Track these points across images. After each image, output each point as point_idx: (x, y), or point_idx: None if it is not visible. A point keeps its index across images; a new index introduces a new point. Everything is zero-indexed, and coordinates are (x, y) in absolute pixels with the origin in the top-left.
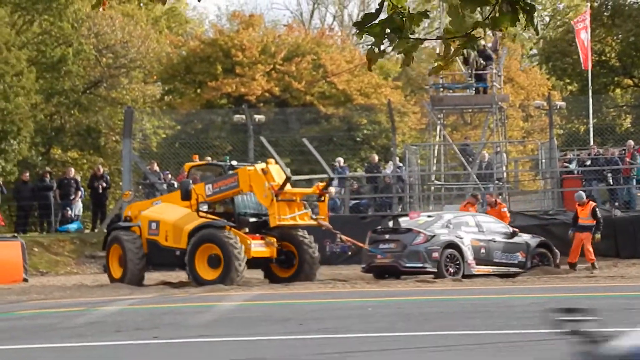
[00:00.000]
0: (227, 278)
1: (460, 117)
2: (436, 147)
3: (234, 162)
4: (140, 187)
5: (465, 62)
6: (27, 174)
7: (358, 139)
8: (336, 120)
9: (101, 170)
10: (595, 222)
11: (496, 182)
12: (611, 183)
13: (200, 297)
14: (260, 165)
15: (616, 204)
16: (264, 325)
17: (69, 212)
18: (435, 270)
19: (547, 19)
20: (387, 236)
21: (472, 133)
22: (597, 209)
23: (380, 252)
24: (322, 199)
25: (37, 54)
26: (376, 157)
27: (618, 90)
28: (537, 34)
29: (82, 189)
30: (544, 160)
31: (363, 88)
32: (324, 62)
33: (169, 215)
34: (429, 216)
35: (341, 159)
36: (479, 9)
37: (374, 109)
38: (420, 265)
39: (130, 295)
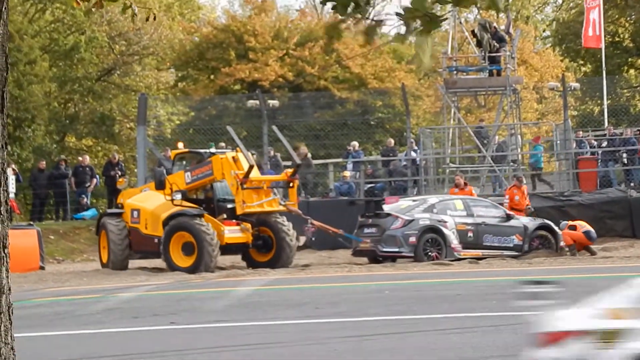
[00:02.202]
0: (200, 265)
1: (474, 99)
2: (451, 130)
3: (213, 150)
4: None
5: (479, 44)
6: (44, 163)
7: (372, 123)
8: (350, 104)
9: (116, 158)
10: None
11: (511, 163)
12: (626, 163)
13: (217, 282)
14: (231, 154)
15: (632, 184)
16: (280, 309)
17: (84, 200)
18: (413, 254)
19: (560, 0)
20: (370, 221)
21: (487, 115)
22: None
23: (354, 237)
24: (291, 185)
25: (50, 42)
26: (392, 141)
27: (632, 71)
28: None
29: (97, 176)
30: (558, 142)
31: (377, 72)
32: (337, 46)
33: (149, 204)
34: (414, 200)
35: (356, 143)
36: None
37: (388, 93)
38: (397, 249)
39: (146, 282)
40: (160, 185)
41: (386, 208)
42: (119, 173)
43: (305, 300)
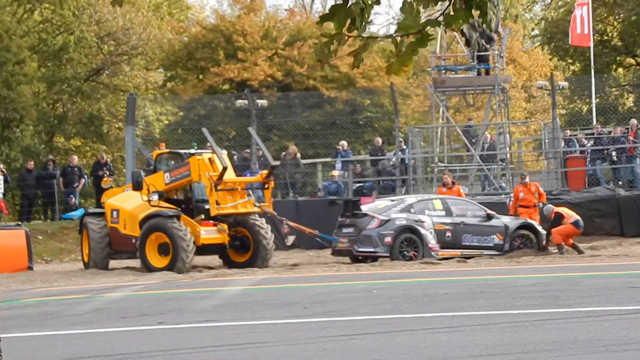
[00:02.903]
0: (174, 266)
1: (463, 98)
2: (439, 129)
3: (192, 150)
4: (143, 173)
5: (467, 43)
6: (32, 163)
7: (361, 122)
8: (339, 104)
9: (104, 158)
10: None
11: (499, 162)
12: (615, 162)
13: (205, 282)
14: (207, 155)
15: (620, 182)
16: (268, 309)
17: (73, 200)
18: (388, 254)
19: None
20: (348, 221)
21: (475, 114)
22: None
23: (330, 237)
24: (266, 186)
25: (38, 42)
26: (380, 140)
27: (620, 70)
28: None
29: (85, 176)
30: (547, 141)
31: (366, 71)
32: None
33: (128, 204)
34: (392, 200)
35: (344, 143)
36: (432, 5)
37: (376, 92)
38: (372, 249)
39: (135, 282)
40: (137, 186)
41: (364, 208)
42: (107, 173)
43: (293, 299)
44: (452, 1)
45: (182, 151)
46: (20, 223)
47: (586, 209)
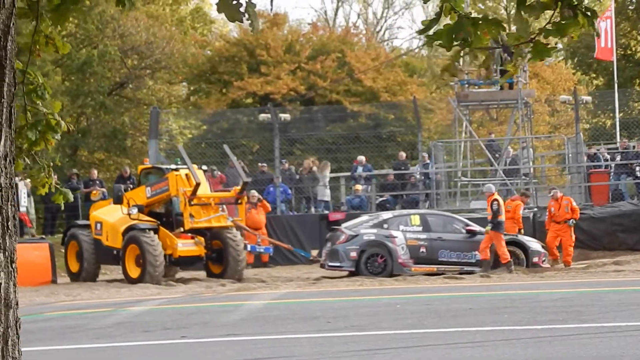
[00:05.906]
0: (144, 278)
1: (486, 113)
2: (462, 144)
3: (173, 166)
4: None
5: None
6: (55, 176)
7: (384, 136)
8: (362, 118)
9: (128, 172)
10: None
11: (523, 177)
12: (639, 177)
13: (228, 296)
14: (185, 170)
15: None
16: (291, 323)
17: None
18: (353, 269)
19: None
20: (328, 235)
21: (498, 129)
22: (494, 203)
23: (304, 252)
24: (240, 202)
25: (62, 56)
26: (404, 154)
27: None
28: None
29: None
30: (570, 155)
31: (389, 85)
32: (349, 60)
33: (111, 217)
34: (370, 216)
35: (363, 158)
36: (544, 15)
37: (400, 106)
38: (339, 264)
39: (157, 296)
40: (117, 200)
41: (343, 224)
42: (130, 187)
43: (316, 313)
44: (559, 9)
45: (164, 166)
46: (44, 236)
47: (610, 224)
